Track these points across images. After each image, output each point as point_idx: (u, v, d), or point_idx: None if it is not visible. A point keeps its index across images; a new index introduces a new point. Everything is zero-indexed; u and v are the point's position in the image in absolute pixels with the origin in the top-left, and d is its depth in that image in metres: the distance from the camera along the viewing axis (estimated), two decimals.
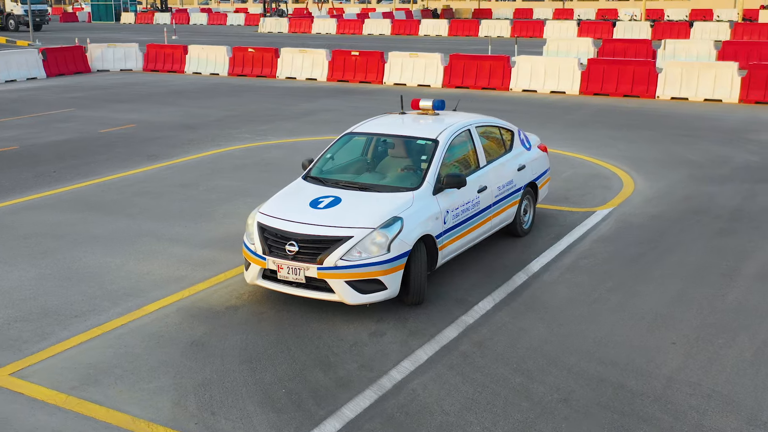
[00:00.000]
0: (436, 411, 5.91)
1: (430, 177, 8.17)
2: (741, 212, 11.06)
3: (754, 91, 21.44)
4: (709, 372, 6.47)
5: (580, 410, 5.91)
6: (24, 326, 7.49)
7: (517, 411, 5.91)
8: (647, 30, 47.59)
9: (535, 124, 17.87)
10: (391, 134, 8.95)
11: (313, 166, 8.85)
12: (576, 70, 23.74)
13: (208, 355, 6.87)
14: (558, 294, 8.16)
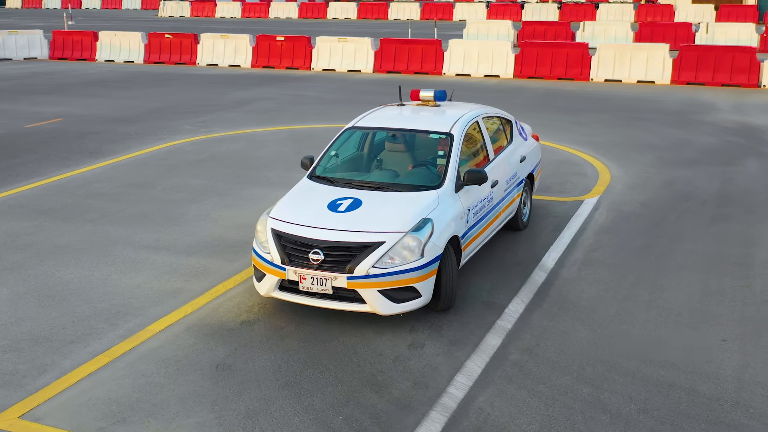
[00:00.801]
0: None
1: (450, 174, 7.68)
2: (725, 197, 11.04)
3: (685, 72, 21.84)
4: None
5: (665, 421, 5.58)
6: (16, 358, 6.62)
7: (600, 426, 5.53)
8: (555, 12, 48.23)
9: None
10: (399, 128, 8.41)
11: (318, 164, 8.21)
12: (510, 54, 23.64)
13: (240, 380, 6.21)
14: (584, 292, 7.84)
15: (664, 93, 20.63)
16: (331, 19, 54.08)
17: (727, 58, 21.40)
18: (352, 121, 8.77)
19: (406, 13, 52.70)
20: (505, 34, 33.26)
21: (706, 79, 21.61)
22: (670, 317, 7.25)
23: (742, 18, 43.77)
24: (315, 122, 16.88)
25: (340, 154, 8.38)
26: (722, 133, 15.54)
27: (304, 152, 13.79)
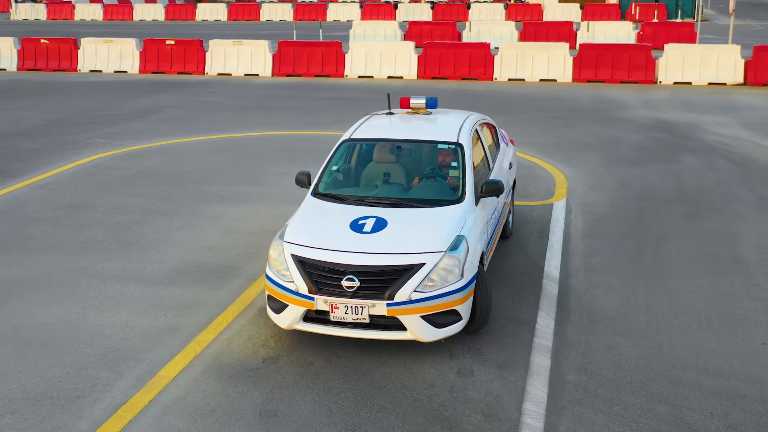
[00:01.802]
0: None
1: (469, 186, 7.29)
2: (685, 194, 11.21)
3: (586, 70, 22.37)
4: None
5: None
6: (18, 422, 5.71)
7: None
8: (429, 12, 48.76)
9: None
10: (403, 139, 7.91)
11: (319, 180, 7.60)
12: (413, 55, 23.48)
13: (293, 428, 5.59)
14: (605, 302, 7.65)
15: (570, 91, 21.03)
16: (200, 20, 52.41)
17: (625, 56, 22.08)
18: (347, 132, 8.20)
19: (279, 14, 51.80)
20: (392, 35, 33.17)
21: (606, 77, 22.21)
22: (702, 323, 7.15)
23: (606, 16, 45.70)
24: (235, 131, 16.06)
25: (341, 168, 7.81)
26: (644, 129, 15.92)
27: (241, 163, 13.07)
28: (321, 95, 20.75)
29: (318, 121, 17.00)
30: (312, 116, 17.69)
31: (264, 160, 13.43)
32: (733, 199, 10.95)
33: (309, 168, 12.10)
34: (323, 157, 13.23)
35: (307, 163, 13.01)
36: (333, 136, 15.17)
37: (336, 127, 16.29)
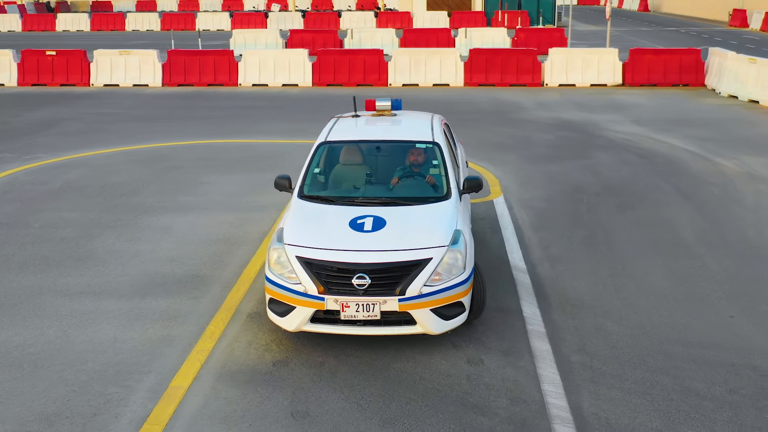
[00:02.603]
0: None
1: (452, 184, 7.55)
2: (610, 187, 11.92)
3: (477, 74, 23.18)
4: None
5: (756, 397, 5.93)
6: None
7: (710, 411, 5.76)
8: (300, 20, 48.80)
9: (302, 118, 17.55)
10: (380, 140, 8.08)
11: (303, 183, 7.64)
12: (307, 63, 23.57)
13: (331, 426, 5.65)
14: (577, 288, 8.09)
15: (466, 94, 21.71)
16: (61, 31, 50.26)
17: (513, 60, 23.03)
18: (320, 135, 8.27)
19: (146, 24, 50.42)
20: (273, 43, 33.10)
21: (496, 80, 23.09)
22: (671, 302, 7.70)
23: (473, 23, 47.21)
24: (148, 141, 15.66)
25: (321, 170, 7.87)
26: (550, 129, 16.71)
27: (168, 174, 12.83)
28: (220, 104, 20.50)
29: (228, 130, 16.82)
30: (219, 125, 17.47)
31: (189, 169, 13.19)
32: (654, 190, 11.73)
33: (244, 175, 12.06)
34: (253, 165, 13.23)
35: (238, 172, 12.93)
36: (252, 144, 15.12)
37: (250, 135, 16.20)
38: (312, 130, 16.35)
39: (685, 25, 49.68)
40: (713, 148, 14.55)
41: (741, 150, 14.35)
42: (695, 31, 44.57)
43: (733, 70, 20.79)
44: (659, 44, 33.88)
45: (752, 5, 49.75)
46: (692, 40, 37.69)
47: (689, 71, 22.62)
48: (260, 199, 11.35)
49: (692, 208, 10.77)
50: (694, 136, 15.60)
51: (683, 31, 44.65)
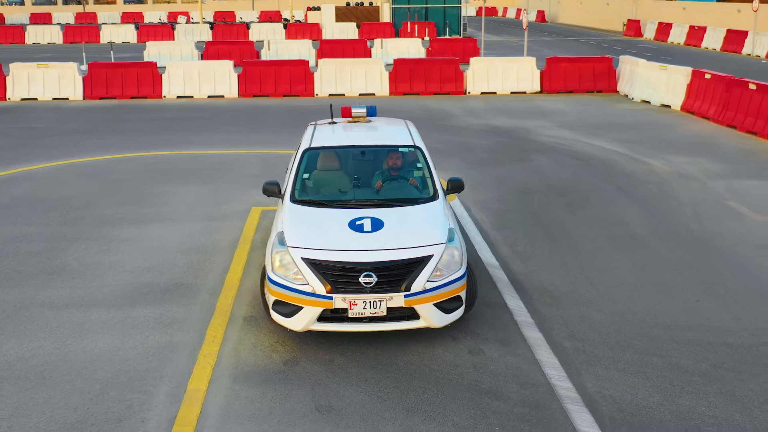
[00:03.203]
0: (666, 412, 6.01)
1: (438, 185, 7.93)
2: (557, 188, 12.53)
3: (401, 83, 23.68)
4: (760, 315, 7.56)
5: (739, 370, 6.51)
6: None
7: (702, 385, 6.29)
8: (207, 32, 48.35)
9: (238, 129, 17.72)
10: (364, 145, 8.37)
11: (293, 188, 7.84)
12: (232, 74, 23.55)
13: (358, 416, 5.91)
14: (552, 281, 8.56)
15: (394, 102, 22.12)
16: None
17: (436, 69, 23.65)
18: (303, 142, 8.48)
19: (47, 36, 48.92)
20: (189, 54, 32.83)
21: (420, 89, 23.65)
22: (641, 291, 8.28)
23: (382, 34, 47.87)
24: (84, 155, 15.41)
25: (309, 176, 8.09)
26: (485, 135, 17.31)
27: (118, 186, 12.79)
28: (148, 116, 20.29)
29: (164, 141, 16.70)
30: (154, 136, 17.32)
31: (138, 181, 13.11)
32: (596, 189, 12.41)
33: (198, 186, 12.13)
34: (204, 176, 13.25)
35: (191, 183, 12.95)
36: (195, 155, 15.11)
37: (189, 147, 16.16)
38: (251, 140, 16.52)
39: (584, 35, 51.76)
40: (641, 149, 15.42)
41: (666, 151, 15.27)
42: (595, 41, 46.52)
43: (645, 77, 21.98)
44: (564, 53, 35.24)
45: (645, 16, 52.30)
46: (593, 49, 39.38)
47: (602, 78, 23.75)
48: (221, 209, 11.42)
49: (636, 206, 11.46)
50: (621, 139, 16.47)
51: (583, 41, 46.51)
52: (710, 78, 19.03)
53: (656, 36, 46.77)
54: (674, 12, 49.60)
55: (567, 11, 69.79)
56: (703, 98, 19.20)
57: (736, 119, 17.58)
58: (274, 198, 8.11)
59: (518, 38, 48.92)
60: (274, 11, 73.54)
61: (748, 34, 36.59)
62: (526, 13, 26.86)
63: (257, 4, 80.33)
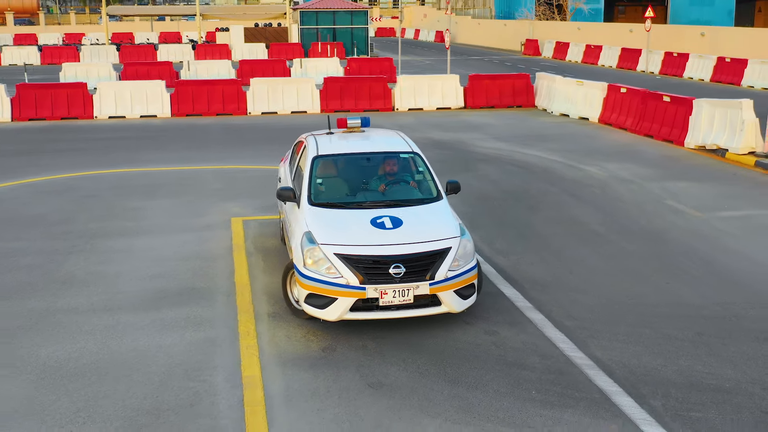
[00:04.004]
0: (670, 372, 6.96)
1: (440, 187, 8.73)
2: (511, 193, 13.57)
3: (332, 101, 24.44)
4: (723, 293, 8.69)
5: (720, 335, 7.58)
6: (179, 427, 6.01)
7: (693, 349, 7.30)
8: (114, 53, 47.81)
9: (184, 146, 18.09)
10: (368, 152, 9.08)
11: (309, 193, 8.47)
12: (164, 93, 23.76)
13: (409, 390, 6.61)
14: (536, 272, 9.48)
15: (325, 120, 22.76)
16: None
17: (366, 86, 24.54)
18: (309, 151, 9.07)
19: None
20: (107, 75, 32.63)
21: (350, 106, 24.47)
22: (616, 277, 9.30)
23: (291, 54, 48.46)
24: (40, 174, 15.45)
25: (321, 180, 8.74)
26: (427, 147, 18.09)
27: (90, 202, 13.07)
28: (87, 136, 20.32)
29: (115, 159, 16.83)
30: (101, 155, 17.39)
31: (106, 197, 13.35)
32: (547, 193, 13.49)
33: (169, 200, 12.56)
34: (171, 191, 13.61)
35: (160, 197, 13.32)
36: (152, 172, 15.42)
37: (143, 164, 16.42)
38: (200, 157, 16.95)
39: (486, 55, 53.83)
40: (575, 157, 16.69)
41: (597, 158, 16.58)
42: (498, 60, 48.53)
43: (563, 92, 23.50)
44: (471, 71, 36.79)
45: (542, 36, 54.88)
46: (498, 68, 41.19)
47: (521, 94, 25.18)
48: (200, 220, 11.87)
49: (586, 206, 12.59)
50: (553, 149, 17.72)
51: (486, 60, 48.43)
52: (626, 92, 20.61)
53: (554, 55, 49.19)
54: (570, 32, 52.30)
55: (465, 32, 72.17)
56: (620, 110, 20.76)
57: (652, 129, 19.14)
58: (275, 203, 8.68)
59: (423, 57, 50.51)
60: (174, 32, 73.11)
61: (641, 53, 39.12)
62: (449, 34, 28.11)
63: (156, 26, 79.57)
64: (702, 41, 39.64)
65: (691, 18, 67.14)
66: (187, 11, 67.26)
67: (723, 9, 72.08)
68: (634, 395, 6.44)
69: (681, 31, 43.27)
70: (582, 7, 60.88)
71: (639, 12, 78.09)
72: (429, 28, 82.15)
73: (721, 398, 6.39)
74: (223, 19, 59.32)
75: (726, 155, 16.45)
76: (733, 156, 16.21)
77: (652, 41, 38.26)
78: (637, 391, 6.51)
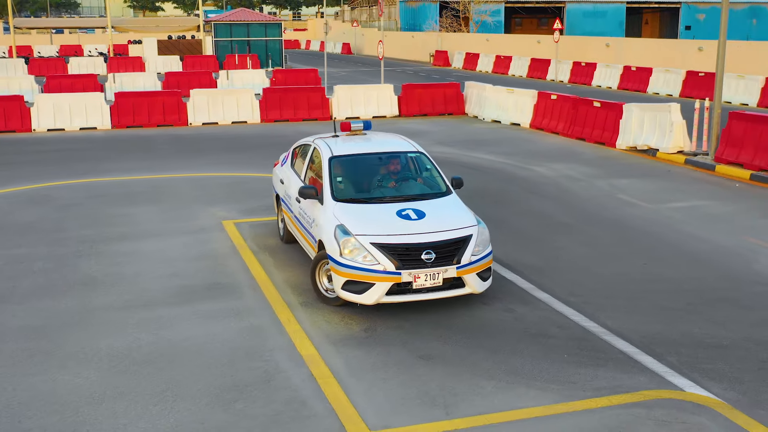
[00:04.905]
0: (675, 334, 8.02)
1: (447, 182, 9.61)
2: (473, 191, 14.43)
3: (272, 111, 24.99)
4: (695, 270, 9.88)
5: (699, 295, 8.73)
6: (254, 401, 6.65)
7: (689, 315, 8.42)
8: (23, 66, 46.69)
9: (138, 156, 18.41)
10: (379, 152, 9.85)
11: (332, 190, 9.15)
12: (104, 105, 23.79)
13: (459, 359, 7.42)
14: (527, 259, 10.45)
15: (270, 129, 23.38)
16: None
17: (304, 96, 25.22)
18: (323, 152, 9.74)
19: None
20: (28, 89, 32.06)
21: (290, 116, 25.09)
22: (599, 260, 10.38)
23: (206, 66, 48.50)
24: (3, 186, 15.48)
25: (341, 179, 9.45)
26: None
27: (75, 210, 13.32)
28: (33, 149, 20.18)
29: (72, 171, 16.89)
30: (61, 166, 17.39)
31: (87, 205, 13.58)
32: (506, 191, 14.56)
33: (153, 206, 12.98)
34: (150, 198, 13.99)
35: (141, 204, 13.70)
36: (124, 181, 15.71)
37: (103, 174, 16.64)
38: (163, 165, 17.38)
39: (398, 66, 55.15)
40: (519, 159, 17.88)
41: (540, 160, 17.82)
42: (411, 70, 49.90)
43: (494, 100, 24.80)
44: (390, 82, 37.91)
45: (450, 47, 56.64)
46: (412, 78, 42.42)
47: (452, 102, 26.38)
48: (193, 224, 12.34)
49: (548, 201, 13.72)
50: (496, 152, 18.88)
51: (399, 71, 49.70)
52: (556, 98, 22.04)
53: (464, 65, 50.94)
54: (479, 43, 54.25)
55: (372, 44, 73.47)
56: (551, 116, 22.17)
57: (584, 132, 20.59)
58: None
59: (338, 69, 51.35)
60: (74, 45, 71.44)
61: (551, 62, 41.17)
62: (382, 45, 29.07)
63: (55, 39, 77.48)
64: (607, 51, 42.04)
65: (585, 29, 70.73)
66: (98, 23, 65.97)
67: (614, 20, 76.11)
68: (651, 354, 7.45)
69: (587, 42, 45.69)
70: (487, 19, 63.18)
71: (534, 24, 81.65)
72: (335, 40, 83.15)
73: (723, 353, 7.48)
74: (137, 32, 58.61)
75: (657, 154, 17.98)
76: (664, 155, 17.74)
77: (560, 51, 40.33)
78: (653, 351, 7.52)
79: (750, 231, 11.68)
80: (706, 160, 16.76)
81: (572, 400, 6.57)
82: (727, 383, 6.85)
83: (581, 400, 6.57)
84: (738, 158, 15.88)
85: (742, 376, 6.98)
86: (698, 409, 6.39)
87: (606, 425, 6.16)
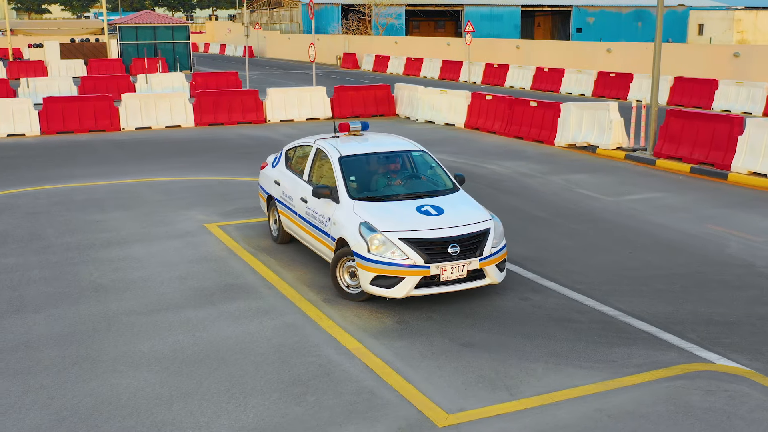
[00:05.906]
0: (683, 313, 8.67)
1: (452, 179, 10.02)
2: None
3: (205, 115, 24.82)
4: (677, 257, 10.65)
5: (688, 279, 9.46)
6: (325, 394, 6.88)
7: (686, 295, 9.12)
8: None
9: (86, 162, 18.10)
10: (386, 152, 10.14)
11: (347, 189, 9.40)
12: (32, 110, 23.06)
13: (496, 346, 7.85)
14: (523, 251, 10.95)
15: (205, 133, 23.21)
16: None
17: (238, 100, 25.13)
18: (330, 153, 9.96)
19: None
20: None
21: (224, 120, 24.97)
22: (589, 250, 11.00)
23: (112, 70, 47.24)
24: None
25: (354, 177, 9.69)
26: None
27: (38, 219, 13.01)
28: None
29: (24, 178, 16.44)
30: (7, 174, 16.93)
31: (55, 213, 13.29)
32: (471, 188, 14.99)
33: (125, 212, 12.87)
34: (119, 204, 13.87)
35: (111, 210, 13.54)
36: (79, 187, 15.46)
37: (58, 181, 16.26)
38: (114, 171, 17.20)
39: (307, 69, 55.21)
40: (470, 159, 18.48)
41: (489, 158, 18.48)
42: (322, 73, 50.08)
43: (426, 101, 25.40)
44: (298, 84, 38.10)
45: (358, 50, 57.15)
46: (324, 80, 42.56)
47: (383, 103, 26.84)
48: (175, 228, 12.29)
49: (514, 197, 14.34)
50: (444, 151, 19.41)
51: (310, 74, 49.81)
52: (491, 99, 22.80)
53: (375, 68, 51.55)
54: (387, 45, 54.95)
55: (275, 46, 73.22)
56: (486, 116, 22.92)
57: (521, 131, 21.41)
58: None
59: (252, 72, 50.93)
60: None
61: (463, 64, 42.23)
62: (314, 47, 29.19)
63: None
64: (518, 53, 43.45)
65: (483, 32, 72.61)
66: None
67: (510, 23, 78.56)
68: (672, 332, 8.07)
69: (497, 45, 47.06)
70: (393, 22, 64.05)
71: (431, 26, 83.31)
72: (235, 43, 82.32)
73: (734, 329, 8.17)
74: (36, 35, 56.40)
75: (597, 151, 18.93)
76: (604, 151, 18.70)
77: (472, 53, 41.42)
78: (673, 329, 8.14)
79: (710, 219, 12.58)
80: (645, 155, 17.78)
81: (620, 377, 7.07)
82: (750, 355, 7.51)
83: (628, 377, 7.08)
84: (677, 153, 16.94)
85: (760, 348, 7.66)
86: (735, 379, 7.00)
87: (659, 397, 6.69)
